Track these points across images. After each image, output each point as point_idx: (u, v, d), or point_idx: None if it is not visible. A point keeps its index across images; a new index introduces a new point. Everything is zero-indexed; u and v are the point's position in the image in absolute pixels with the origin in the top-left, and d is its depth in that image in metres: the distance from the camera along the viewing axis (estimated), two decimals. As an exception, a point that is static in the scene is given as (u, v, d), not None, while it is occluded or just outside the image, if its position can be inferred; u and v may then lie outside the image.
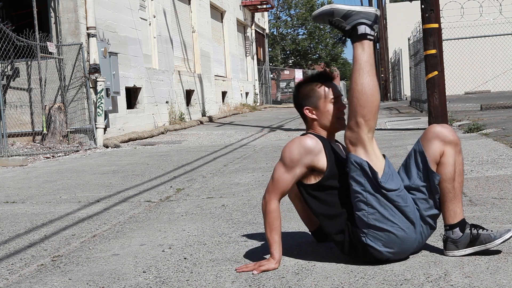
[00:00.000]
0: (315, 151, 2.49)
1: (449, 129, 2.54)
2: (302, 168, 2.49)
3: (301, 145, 2.49)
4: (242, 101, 22.09)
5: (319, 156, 2.49)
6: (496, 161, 5.16)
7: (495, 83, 22.86)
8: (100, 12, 10.33)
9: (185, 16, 16.29)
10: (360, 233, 2.44)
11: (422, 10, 9.00)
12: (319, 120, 2.61)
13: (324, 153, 2.50)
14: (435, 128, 2.54)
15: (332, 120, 2.58)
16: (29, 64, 9.78)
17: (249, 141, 9.49)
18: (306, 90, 2.63)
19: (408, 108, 17.07)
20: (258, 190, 4.64)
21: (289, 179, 2.51)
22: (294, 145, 2.51)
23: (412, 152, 2.57)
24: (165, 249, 3.02)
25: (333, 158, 2.52)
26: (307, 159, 2.48)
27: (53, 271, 2.75)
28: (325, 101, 2.58)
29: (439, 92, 9.03)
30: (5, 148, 7.98)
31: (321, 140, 2.54)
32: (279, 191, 2.52)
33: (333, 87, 2.60)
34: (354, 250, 2.48)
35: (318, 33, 46.16)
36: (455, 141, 2.52)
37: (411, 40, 16.16)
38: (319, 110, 2.59)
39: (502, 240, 2.48)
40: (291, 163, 2.49)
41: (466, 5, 11.13)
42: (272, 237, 2.50)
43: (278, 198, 2.53)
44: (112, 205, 4.42)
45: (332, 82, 2.62)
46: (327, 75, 2.64)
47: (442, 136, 2.51)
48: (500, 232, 2.50)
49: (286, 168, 2.51)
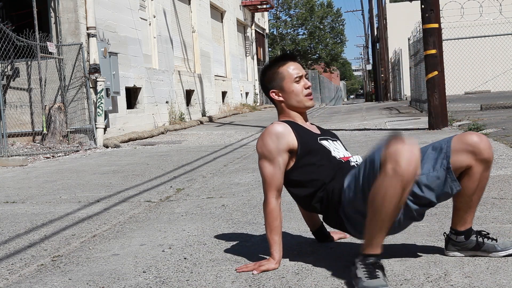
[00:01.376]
0: (285, 134, 2.48)
1: (486, 144, 2.32)
2: (282, 155, 2.48)
3: (271, 133, 2.49)
4: (242, 101, 22.09)
5: (291, 136, 2.49)
6: (496, 161, 5.16)
7: (495, 83, 22.85)
8: (100, 12, 10.33)
9: (185, 16, 16.29)
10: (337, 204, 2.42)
11: (422, 10, 9.00)
12: (286, 102, 2.61)
13: (293, 133, 2.50)
14: (472, 139, 2.32)
15: (299, 99, 2.59)
16: (29, 64, 9.78)
17: (249, 141, 9.49)
18: (269, 73, 2.63)
19: (408, 108, 17.07)
20: (258, 190, 4.64)
21: (277, 172, 2.49)
22: (265, 137, 2.50)
23: (435, 148, 2.36)
24: (165, 249, 3.02)
25: (304, 136, 2.52)
26: (282, 144, 2.47)
27: (53, 271, 2.75)
28: (288, 82, 2.58)
29: (439, 92, 9.04)
30: (5, 148, 7.98)
31: (288, 122, 2.55)
32: (273, 187, 2.50)
33: (295, 66, 2.59)
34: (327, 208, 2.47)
35: (318, 33, 46.17)
36: (488, 159, 2.33)
37: (411, 40, 16.15)
38: (285, 91, 2.60)
39: (506, 254, 2.45)
40: (270, 155, 2.48)
41: (466, 5, 11.13)
42: (272, 238, 2.50)
43: (275, 195, 2.50)
44: (112, 205, 4.42)
45: (294, 61, 2.61)
46: (288, 55, 2.64)
47: (477, 151, 2.31)
48: (505, 244, 2.47)
49: (269, 161, 2.49)
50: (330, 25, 48.11)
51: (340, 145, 2.65)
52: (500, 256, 2.45)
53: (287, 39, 46.10)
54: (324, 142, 2.57)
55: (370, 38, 42.57)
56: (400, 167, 2.07)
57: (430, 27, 8.95)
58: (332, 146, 2.59)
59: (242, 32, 24.25)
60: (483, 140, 2.33)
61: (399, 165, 2.07)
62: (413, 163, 2.08)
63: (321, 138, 2.58)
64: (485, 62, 24.36)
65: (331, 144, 2.60)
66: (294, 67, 2.59)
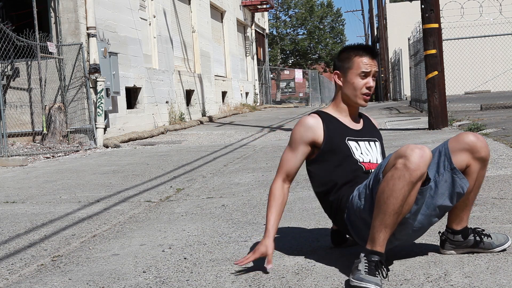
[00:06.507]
0: (313, 127, 2.52)
1: (483, 142, 2.38)
2: (304, 146, 2.53)
3: (302, 123, 2.55)
4: (242, 101, 22.09)
5: (318, 132, 2.52)
6: (496, 161, 5.16)
7: (495, 83, 22.86)
8: (100, 12, 10.33)
9: (185, 16, 16.29)
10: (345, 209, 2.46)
11: (422, 10, 9.01)
12: (342, 89, 2.60)
13: (322, 128, 2.52)
14: (468, 138, 2.37)
15: (355, 93, 2.56)
16: (29, 64, 9.78)
17: (249, 141, 9.49)
18: (344, 55, 2.60)
19: (408, 108, 17.07)
20: (258, 190, 4.64)
21: (293, 158, 2.54)
22: (297, 125, 2.57)
23: (437, 153, 2.37)
24: (165, 249, 3.02)
25: (333, 132, 2.52)
26: (307, 136, 2.52)
27: (53, 271, 2.75)
28: (354, 73, 2.55)
29: (439, 92, 9.04)
30: (5, 148, 7.97)
31: (324, 116, 2.57)
32: (283, 171, 2.56)
33: (370, 62, 2.55)
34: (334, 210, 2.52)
35: (318, 33, 46.16)
36: (485, 157, 2.38)
37: (411, 40, 16.15)
38: (346, 80, 2.57)
39: (500, 249, 2.52)
40: (294, 143, 2.55)
41: (466, 5, 11.13)
42: (269, 214, 2.51)
43: (282, 178, 2.56)
44: (112, 205, 4.42)
45: (373, 58, 2.56)
46: (371, 49, 2.60)
47: (474, 149, 2.36)
48: (500, 241, 2.52)
49: (290, 147, 2.57)
50: (330, 25, 48.11)
51: (375, 148, 2.60)
52: (495, 251, 2.51)
53: (287, 39, 46.09)
54: (351, 142, 2.54)
55: (370, 38, 42.57)
56: (411, 162, 2.12)
57: (430, 27, 8.95)
58: (361, 148, 2.55)
59: (242, 32, 24.25)
60: (479, 139, 2.37)
61: (410, 160, 2.13)
62: (423, 159, 2.13)
63: (351, 138, 2.55)
64: (485, 62, 24.37)
65: (360, 146, 2.55)
66: (368, 62, 2.54)
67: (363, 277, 2.14)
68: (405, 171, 2.12)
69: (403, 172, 2.13)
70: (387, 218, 2.18)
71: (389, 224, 2.19)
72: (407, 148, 2.16)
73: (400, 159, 2.15)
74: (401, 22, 30.60)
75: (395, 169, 2.15)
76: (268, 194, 2.57)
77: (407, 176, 2.12)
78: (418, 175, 2.13)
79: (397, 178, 2.13)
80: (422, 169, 2.14)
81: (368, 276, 2.14)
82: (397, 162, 2.15)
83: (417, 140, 7.47)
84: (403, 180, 2.13)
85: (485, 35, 13.34)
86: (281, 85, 46.03)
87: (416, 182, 2.14)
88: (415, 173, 2.12)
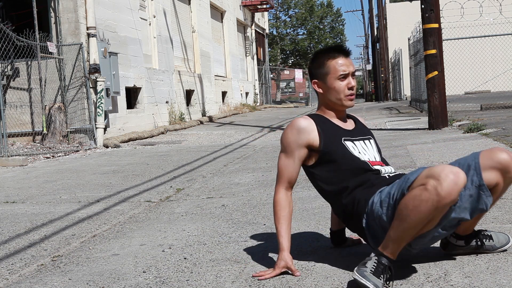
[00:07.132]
0: (307, 130, 2.45)
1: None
2: (300, 149, 2.46)
3: (293, 127, 2.47)
4: (242, 101, 22.09)
5: (313, 134, 2.46)
6: (496, 161, 5.15)
7: (495, 83, 22.86)
8: (100, 12, 10.33)
9: (185, 16, 16.29)
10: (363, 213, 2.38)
11: (422, 10, 9.01)
12: (325, 96, 2.54)
13: (317, 130, 2.46)
14: (502, 157, 2.27)
15: (339, 97, 2.50)
16: (29, 64, 9.78)
17: (249, 141, 9.49)
18: (317, 62, 2.55)
19: (408, 108, 17.07)
20: (258, 190, 4.64)
21: (291, 164, 2.48)
22: (287, 129, 2.50)
23: (461, 166, 2.24)
24: (165, 249, 3.02)
25: (329, 133, 2.47)
26: (301, 139, 2.45)
27: (53, 271, 2.75)
28: (332, 77, 2.50)
29: (439, 92, 9.04)
30: (5, 148, 7.97)
31: (315, 118, 2.51)
32: (284, 179, 2.49)
33: (345, 62, 2.50)
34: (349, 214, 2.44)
35: (318, 33, 46.18)
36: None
37: (411, 40, 16.15)
38: (326, 86, 2.52)
39: (501, 250, 2.53)
40: (288, 148, 2.48)
41: (466, 5, 11.13)
42: (279, 226, 2.45)
43: (285, 186, 2.49)
44: (112, 205, 4.42)
45: (346, 57, 2.51)
46: (342, 48, 2.54)
47: (507, 169, 2.27)
48: (501, 242, 2.52)
49: (285, 154, 2.49)
50: (330, 25, 48.13)
51: (371, 146, 2.57)
52: (497, 252, 2.52)
53: (286, 39, 46.10)
54: (348, 142, 2.49)
55: (370, 38, 42.57)
56: (443, 188, 2.03)
57: (430, 27, 8.95)
58: (358, 147, 2.51)
59: (242, 32, 24.25)
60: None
61: (442, 185, 2.03)
62: (457, 187, 2.04)
63: (347, 138, 2.50)
64: (485, 62, 24.37)
65: (357, 145, 2.52)
66: (343, 62, 2.49)
67: (366, 274, 2.13)
68: (434, 196, 2.03)
69: (432, 196, 2.04)
70: (405, 233, 2.15)
71: (405, 238, 2.17)
72: (442, 170, 2.05)
73: (432, 181, 2.04)
74: (401, 22, 30.61)
75: (424, 190, 2.06)
76: (273, 205, 2.50)
77: (435, 201, 2.04)
78: (448, 203, 2.05)
79: (424, 200, 2.05)
80: (453, 197, 2.04)
81: (371, 276, 2.12)
82: (428, 183, 2.05)
83: (417, 140, 7.47)
84: (430, 204, 2.05)
85: (485, 35, 13.34)
86: (281, 85, 46.05)
87: (443, 208, 2.07)
88: (444, 201, 2.04)
